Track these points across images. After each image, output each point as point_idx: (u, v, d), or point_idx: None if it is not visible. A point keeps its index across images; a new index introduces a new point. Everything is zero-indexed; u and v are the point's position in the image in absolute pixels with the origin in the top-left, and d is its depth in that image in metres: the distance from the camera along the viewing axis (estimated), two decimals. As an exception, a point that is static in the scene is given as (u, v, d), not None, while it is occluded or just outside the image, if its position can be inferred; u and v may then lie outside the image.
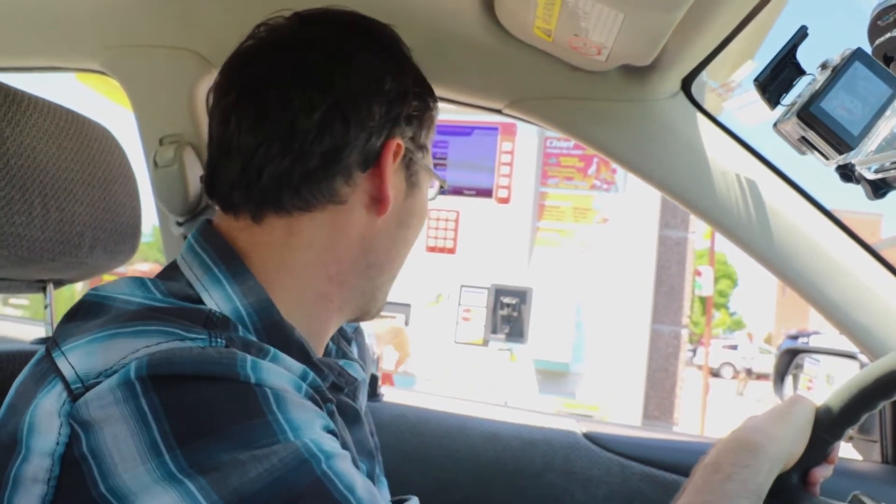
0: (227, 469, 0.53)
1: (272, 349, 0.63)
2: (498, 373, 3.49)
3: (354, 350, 0.97)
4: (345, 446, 0.66)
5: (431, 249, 3.70)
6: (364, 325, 1.17)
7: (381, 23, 0.83)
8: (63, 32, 1.35)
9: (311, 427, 0.59)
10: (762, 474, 0.76)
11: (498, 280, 3.51)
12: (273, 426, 0.56)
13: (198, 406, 0.55)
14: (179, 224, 1.39)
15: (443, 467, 1.37)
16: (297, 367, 0.64)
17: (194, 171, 1.35)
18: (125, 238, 1.05)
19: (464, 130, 3.58)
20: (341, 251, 0.76)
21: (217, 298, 0.69)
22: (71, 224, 0.93)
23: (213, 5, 1.24)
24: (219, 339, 0.60)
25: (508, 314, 3.42)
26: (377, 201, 0.76)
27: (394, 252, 0.82)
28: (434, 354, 3.60)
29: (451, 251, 3.67)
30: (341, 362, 0.81)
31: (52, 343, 0.63)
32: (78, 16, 1.31)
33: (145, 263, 9.08)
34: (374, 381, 1.44)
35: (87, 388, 0.55)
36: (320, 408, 0.63)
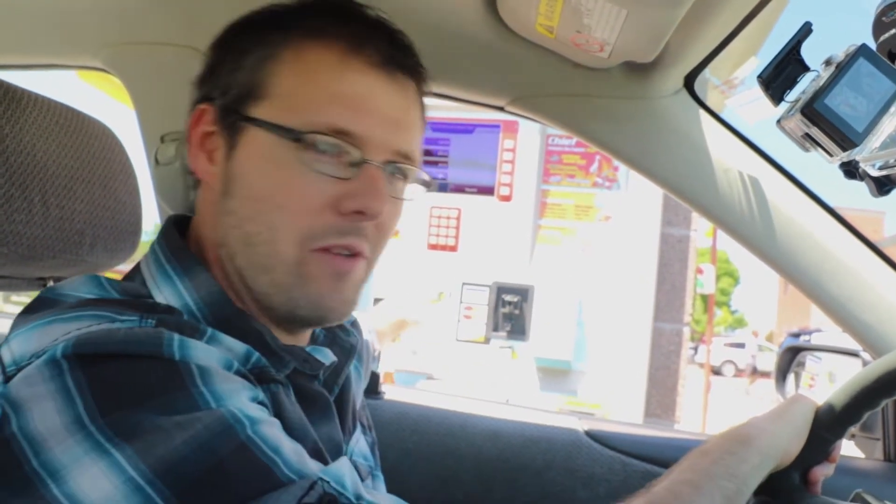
0: (151, 437, 0.53)
1: (210, 330, 0.65)
2: (499, 371, 3.49)
3: (356, 338, 0.95)
4: (301, 432, 0.67)
5: (433, 247, 3.70)
6: (364, 321, 1.17)
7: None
8: (63, 30, 1.34)
9: (237, 396, 0.59)
10: (749, 464, 0.76)
11: (500, 278, 3.50)
12: (196, 397, 0.57)
13: (120, 381, 0.56)
14: (180, 222, 1.38)
15: (444, 465, 1.36)
16: (239, 347, 0.66)
17: (195, 169, 1.35)
18: (126, 236, 1.05)
19: (465, 128, 3.57)
20: (209, 217, 0.80)
21: (167, 294, 0.72)
22: (71, 222, 0.93)
23: (215, 2, 1.24)
24: (149, 321, 0.62)
25: (510, 312, 3.41)
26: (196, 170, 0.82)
27: (231, 227, 0.77)
28: (435, 352, 3.60)
29: (453, 249, 3.66)
30: (308, 348, 0.80)
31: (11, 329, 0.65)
32: (78, 13, 1.31)
33: (146, 261, 9.10)
34: (374, 378, 1.43)
35: (19, 370, 0.58)
36: (254, 385, 0.64)
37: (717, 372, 25.03)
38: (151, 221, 1.38)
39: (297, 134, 0.71)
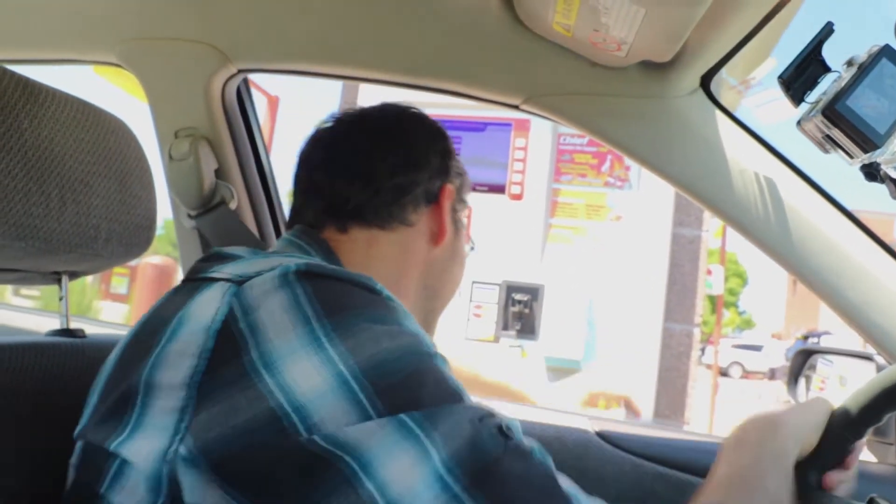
0: (363, 340, 0.61)
1: None
2: (509, 369, 3.48)
3: None
4: None
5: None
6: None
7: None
8: (80, 25, 1.35)
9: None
10: (786, 445, 0.78)
11: (510, 276, 3.50)
12: (400, 323, 0.66)
13: (342, 294, 0.65)
14: (192, 217, 1.39)
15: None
16: None
17: (209, 165, 1.35)
18: (140, 231, 1.05)
19: (477, 126, 3.56)
20: (408, 268, 0.95)
21: None
22: (87, 216, 0.93)
23: None
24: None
25: (520, 311, 3.41)
26: (436, 234, 0.96)
27: (446, 279, 1.02)
28: (444, 351, 3.59)
29: (464, 247, 3.65)
30: None
31: (190, 273, 0.76)
32: (95, 9, 1.31)
33: (156, 256, 9.12)
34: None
35: (248, 280, 0.66)
36: None
37: (724, 373, 24.94)
38: (161, 217, 1.39)
39: (472, 244, 1.09)
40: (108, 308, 10.73)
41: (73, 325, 1.05)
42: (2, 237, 0.81)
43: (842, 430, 0.84)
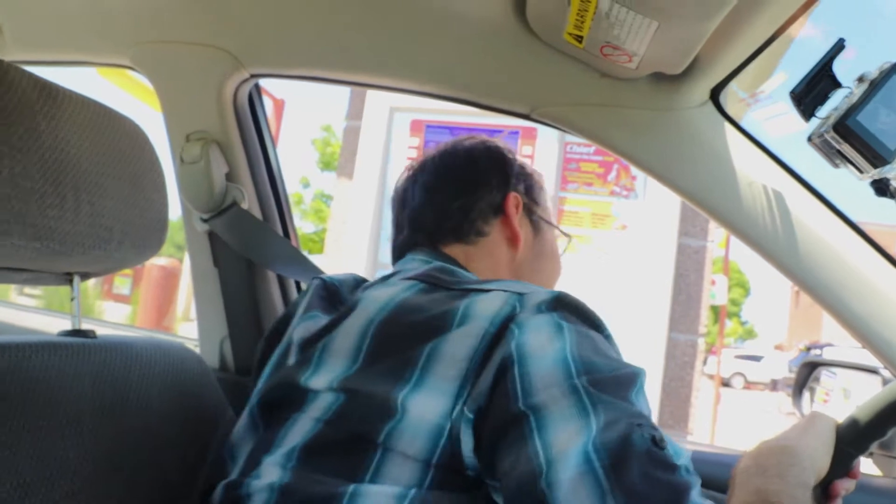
0: (615, 416, 0.67)
1: None
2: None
3: None
4: None
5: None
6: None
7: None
8: (94, 27, 1.36)
9: None
10: (807, 473, 0.78)
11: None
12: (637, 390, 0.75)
13: (596, 348, 0.76)
14: (204, 220, 1.39)
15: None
16: None
17: (220, 168, 1.36)
18: (152, 233, 1.06)
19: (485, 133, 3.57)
20: (500, 273, 1.08)
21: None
22: (101, 218, 0.94)
23: (245, 4, 1.25)
24: None
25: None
26: (511, 239, 1.10)
27: (539, 277, 1.14)
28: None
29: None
30: None
31: (437, 282, 0.90)
32: (110, 11, 1.32)
33: (162, 257, 9.13)
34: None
35: (519, 295, 0.80)
36: None
37: (726, 384, 24.85)
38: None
39: (569, 237, 1.25)
40: (111, 308, 10.73)
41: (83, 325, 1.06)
42: (18, 237, 0.82)
43: (846, 445, 0.85)
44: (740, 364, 27.64)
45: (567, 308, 0.79)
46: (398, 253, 1.12)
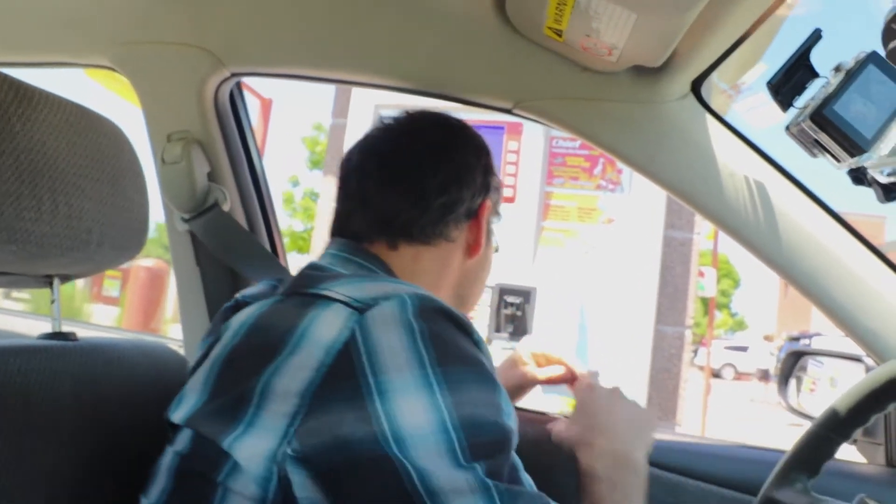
0: (466, 396, 0.69)
1: None
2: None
3: None
4: None
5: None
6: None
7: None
8: (73, 28, 1.35)
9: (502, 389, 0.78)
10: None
11: (502, 279, 3.50)
12: (492, 382, 0.74)
13: (453, 342, 0.72)
14: (185, 220, 1.39)
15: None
16: None
17: (201, 168, 1.35)
18: (133, 234, 1.05)
19: (469, 129, 3.56)
20: (444, 281, 1.01)
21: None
22: (80, 220, 0.93)
23: (225, 2, 1.24)
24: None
25: (512, 314, 3.41)
26: (471, 246, 1.02)
27: (475, 289, 1.09)
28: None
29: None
30: None
31: (297, 286, 0.80)
32: (89, 12, 1.31)
33: (148, 259, 9.08)
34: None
35: (368, 307, 0.71)
36: None
37: (716, 375, 25.00)
38: (152, 220, 1.39)
39: (497, 248, 1.15)
40: (100, 311, 10.67)
41: (65, 328, 1.05)
42: None
43: (829, 432, 0.85)
44: (730, 355, 27.81)
45: (432, 327, 0.72)
46: (331, 233, 1.02)
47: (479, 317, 3.52)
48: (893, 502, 0.85)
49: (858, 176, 0.83)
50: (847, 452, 1.34)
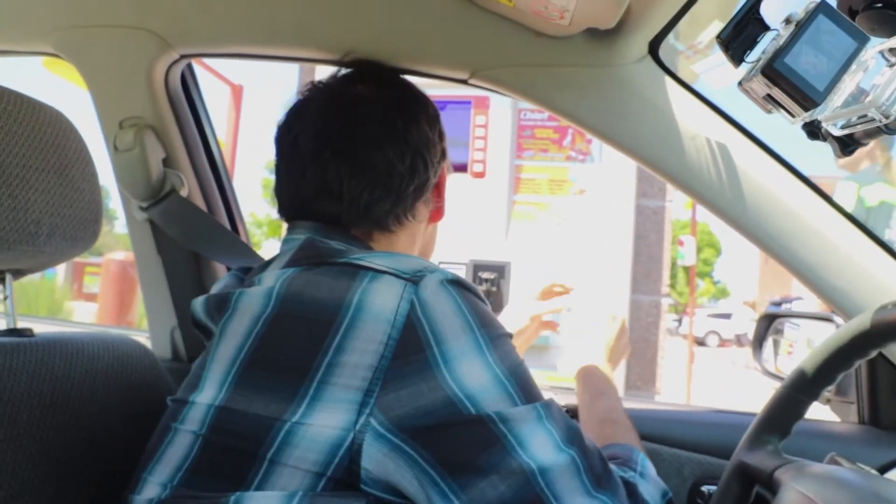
0: (505, 350, 0.77)
1: None
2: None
3: None
4: None
5: (409, 227, 3.66)
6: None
7: (406, 79, 1.08)
8: (12, 14, 1.30)
9: None
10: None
11: (476, 255, 3.48)
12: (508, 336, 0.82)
13: (482, 310, 0.78)
14: (143, 209, 1.36)
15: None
16: None
17: (156, 154, 1.32)
18: (85, 224, 1.02)
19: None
20: (414, 251, 1.03)
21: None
22: (26, 212, 0.90)
23: None
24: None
25: (487, 289, 3.40)
26: (435, 213, 1.05)
27: (432, 243, 1.13)
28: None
29: (429, 228, 3.63)
30: None
31: (322, 256, 0.83)
32: None
33: (120, 251, 8.98)
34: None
35: (419, 279, 0.76)
36: None
37: (701, 343, 25.24)
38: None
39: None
40: (81, 308, 10.57)
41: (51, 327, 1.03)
42: None
43: (798, 393, 0.85)
44: (714, 323, 28.08)
45: (467, 297, 0.78)
46: (289, 214, 0.99)
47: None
48: (864, 459, 0.84)
49: (813, 130, 0.82)
50: (820, 412, 1.34)
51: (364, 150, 0.93)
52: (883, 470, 1.13)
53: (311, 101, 0.99)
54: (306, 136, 0.95)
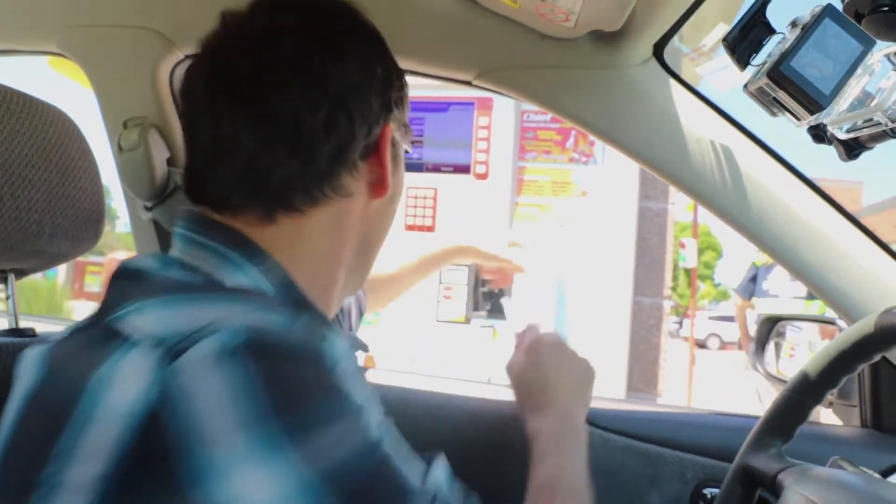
0: (321, 444, 0.54)
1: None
2: (481, 350, 3.48)
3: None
4: None
5: (410, 228, 3.66)
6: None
7: (351, 5, 0.79)
8: (17, 13, 1.31)
9: (372, 403, 0.61)
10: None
11: (476, 256, 3.49)
12: (351, 409, 0.58)
13: (294, 380, 0.56)
14: (148, 209, 1.36)
15: (425, 446, 1.35)
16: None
17: (160, 154, 1.32)
18: (88, 224, 1.02)
19: (440, 107, 3.53)
20: (345, 236, 0.78)
21: (241, 281, 0.69)
22: (28, 212, 0.91)
23: None
24: (301, 317, 0.62)
25: (489, 291, 3.40)
26: (375, 187, 0.78)
27: (386, 226, 0.87)
28: (416, 333, 3.58)
29: (430, 229, 3.63)
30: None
31: (101, 309, 0.63)
32: None
33: (121, 251, 8.99)
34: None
35: (181, 350, 0.53)
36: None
37: (702, 345, 25.18)
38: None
39: (408, 149, 0.88)
40: (82, 308, 10.58)
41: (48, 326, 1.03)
42: None
43: (801, 396, 0.85)
44: (715, 325, 28.01)
45: (266, 366, 0.55)
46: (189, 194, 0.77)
47: (456, 297, 3.52)
48: (867, 462, 0.84)
49: (819, 134, 0.82)
50: (824, 415, 1.34)
51: (267, 95, 0.70)
52: (886, 473, 1.13)
53: (215, 37, 0.76)
54: (200, 79, 0.74)
